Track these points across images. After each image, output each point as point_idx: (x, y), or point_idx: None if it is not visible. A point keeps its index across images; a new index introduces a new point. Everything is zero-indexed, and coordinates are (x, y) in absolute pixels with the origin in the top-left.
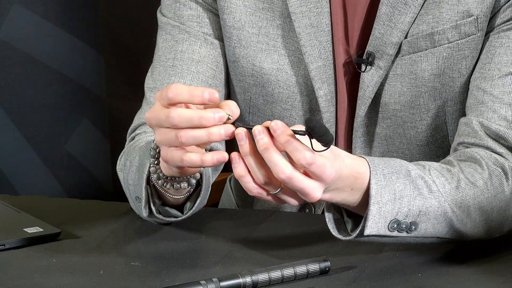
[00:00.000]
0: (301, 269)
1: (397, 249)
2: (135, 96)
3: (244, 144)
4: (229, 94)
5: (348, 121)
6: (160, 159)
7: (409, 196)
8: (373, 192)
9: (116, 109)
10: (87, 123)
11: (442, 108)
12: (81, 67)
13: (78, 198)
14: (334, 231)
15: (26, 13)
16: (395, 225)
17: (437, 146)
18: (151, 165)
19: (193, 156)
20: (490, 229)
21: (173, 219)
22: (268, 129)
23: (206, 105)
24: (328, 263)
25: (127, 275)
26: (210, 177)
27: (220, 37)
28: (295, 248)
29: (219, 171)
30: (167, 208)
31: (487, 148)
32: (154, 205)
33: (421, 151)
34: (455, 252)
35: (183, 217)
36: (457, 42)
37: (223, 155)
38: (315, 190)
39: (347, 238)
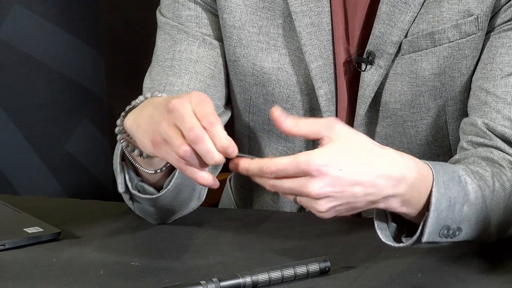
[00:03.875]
0: (301, 269)
1: (397, 249)
2: (135, 96)
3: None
4: (229, 94)
5: (348, 120)
6: (130, 114)
7: (460, 204)
8: (434, 199)
9: (116, 109)
10: (87, 123)
11: (442, 108)
12: (81, 67)
13: (78, 198)
14: (387, 240)
15: (26, 13)
16: (446, 232)
17: (437, 145)
18: (121, 115)
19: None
20: (504, 232)
21: (148, 196)
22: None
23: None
24: (328, 263)
25: (127, 275)
26: None
27: (219, 38)
28: (295, 248)
29: (218, 171)
30: (144, 185)
31: (497, 148)
32: (131, 181)
33: (421, 150)
34: (455, 252)
35: (159, 194)
36: (457, 41)
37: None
38: (309, 185)
39: (401, 245)
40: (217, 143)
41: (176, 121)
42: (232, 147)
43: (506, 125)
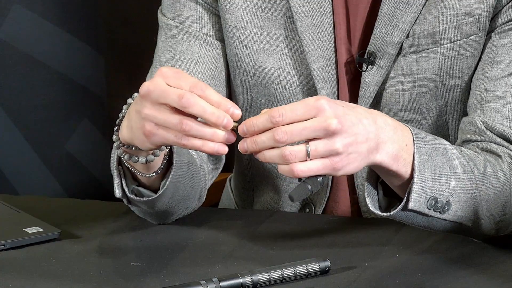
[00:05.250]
0: (301, 269)
1: (397, 249)
2: None
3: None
4: (230, 95)
5: None
6: (122, 125)
7: (446, 175)
8: (416, 165)
9: (116, 109)
10: (87, 123)
11: (443, 108)
12: (81, 67)
13: (78, 198)
14: (374, 208)
15: (26, 13)
16: (433, 203)
17: None
18: (114, 131)
19: (196, 141)
20: (501, 225)
21: (145, 199)
22: None
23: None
24: (328, 263)
25: (127, 275)
26: (185, 155)
27: (220, 38)
28: (295, 248)
29: (219, 170)
30: (140, 188)
31: (496, 144)
32: (128, 185)
33: None
34: (455, 252)
35: (155, 196)
36: (458, 41)
37: (224, 148)
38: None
39: (387, 214)
40: (215, 105)
41: (158, 99)
42: (234, 106)
43: (505, 124)
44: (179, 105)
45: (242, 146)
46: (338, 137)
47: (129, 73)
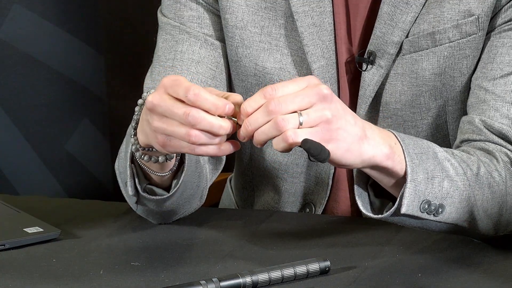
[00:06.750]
0: (301, 269)
1: (397, 249)
2: (135, 96)
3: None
4: None
5: None
6: (138, 129)
7: (439, 177)
8: (409, 169)
9: (116, 109)
10: (87, 123)
11: (442, 108)
12: (81, 67)
13: (78, 198)
14: (364, 209)
15: (26, 13)
16: (426, 206)
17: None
18: (131, 136)
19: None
20: (499, 225)
21: (158, 197)
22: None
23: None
24: (328, 263)
25: (127, 275)
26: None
27: (221, 38)
28: (295, 248)
29: (219, 171)
30: (153, 187)
31: (494, 143)
32: (140, 184)
33: None
34: (455, 252)
35: (169, 194)
36: (458, 41)
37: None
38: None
39: (379, 216)
40: (212, 109)
41: (164, 114)
42: (228, 103)
43: (504, 122)
44: (188, 123)
45: (239, 133)
46: (328, 105)
47: (129, 73)
